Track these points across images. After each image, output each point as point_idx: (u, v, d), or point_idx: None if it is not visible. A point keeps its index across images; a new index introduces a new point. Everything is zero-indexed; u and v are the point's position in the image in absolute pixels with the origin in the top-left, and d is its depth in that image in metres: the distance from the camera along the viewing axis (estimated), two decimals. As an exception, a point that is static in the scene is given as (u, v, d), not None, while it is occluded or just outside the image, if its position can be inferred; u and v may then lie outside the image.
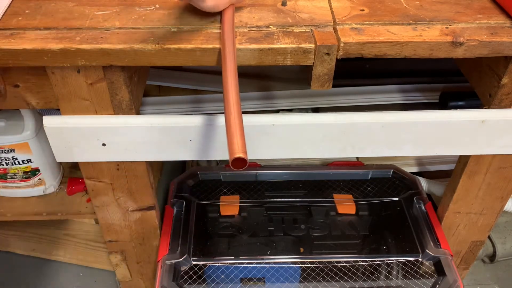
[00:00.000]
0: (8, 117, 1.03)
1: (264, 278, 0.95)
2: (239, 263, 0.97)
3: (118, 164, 0.89)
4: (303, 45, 0.71)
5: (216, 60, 0.72)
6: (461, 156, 0.96)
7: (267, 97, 1.22)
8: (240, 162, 0.56)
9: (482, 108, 0.85)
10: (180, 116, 0.82)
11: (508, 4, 0.79)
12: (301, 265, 0.97)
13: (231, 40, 0.70)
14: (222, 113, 0.81)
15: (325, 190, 1.14)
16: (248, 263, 0.97)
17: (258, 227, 1.05)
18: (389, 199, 1.12)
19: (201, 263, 0.96)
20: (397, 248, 1.00)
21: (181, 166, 1.37)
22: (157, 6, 0.80)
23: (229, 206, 1.09)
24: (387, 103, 1.22)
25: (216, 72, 1.28)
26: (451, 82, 1.25)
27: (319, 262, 0.97)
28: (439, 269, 0.95)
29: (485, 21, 0.77)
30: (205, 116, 0.81)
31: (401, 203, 1.10)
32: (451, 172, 1.01)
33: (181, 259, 0.95)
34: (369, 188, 1.15)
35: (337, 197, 1.12)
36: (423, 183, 1.19)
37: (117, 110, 0.81)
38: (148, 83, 1.23)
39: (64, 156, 0.84)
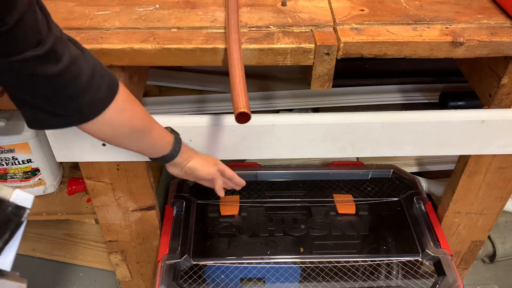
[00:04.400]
0: (8, 117, 1.03)
1: (264, 278, 0.95)
2: (239, 263, 0.97)
3: (118, 164, 0.89)
4: (303, 45, 0.71)
5: (216, 60, 0.72)
6: (461, 156, 0.96)
7: (267, 97, 1.22)
8: (243, 117, 0.63)
9: (482, 108, 0.85)
10: (180, 116, 0.82)
11: (508, 4, 0.79)
12: (301, 265, 0.97)
13: (235, 7, 0.75)
14: (222, 113, 0.82)
15: (325, 190, 1.14)
16: (248, 263, 0.97)
17: (258, 227, 1.05)
18: (389, 199, 1.12)
19: (201, 263, 0.96)
20: (397, 248, 1.00)
21: (181, 166, 1.37)
22: (157, 6, 0.80)
23: (229, 206, 1.09)
24: (387, 103, 1.22)
25: (216, 72, 1.28)
26: (451, 82, 1.25)
27: (319, 262, 0.97)
28: (439, 269, 0.95)
29: (485, 21, 0.77)
30: (205, 116, 0.81)
31: (401, 203, 1.11)
32: (451, 172, 1.01)
33: (181, 259, 0.95)
34: (369, 188, 1.15)
35: (337, 197, 1.12)
36: (423, 183, 1.19)
37: (117, 110, 0.80)
38: (148, 83, 1.24)
39: (64, 156, 0.84)
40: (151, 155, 0.76)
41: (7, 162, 1.05)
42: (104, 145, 0.83)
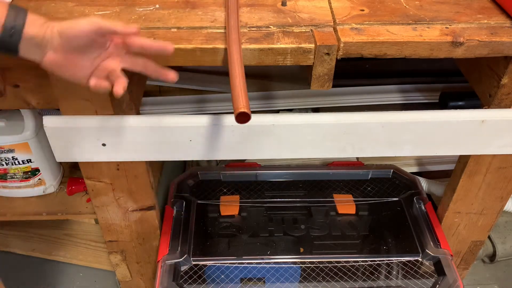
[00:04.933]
0: (8, 117, 1.03)
1: (264, 278, 0.95)
2: (239, 263, 0.97)
3: (118, 164, 0.89)
4: (303, 45, 0.71)
5: (216, 60, 0.72)
6: (461, 156, 0.96)
7: (267, 97, 1.22)
8: (243, 117, 0.62)
9: (482, 108, 0.85)
10: (180, 116, 0.82)
11: (508, 4, 0.79)
12: (301, 265, 0.97)
13: (235, 7, 0.75)
14: (222, 113, 0.82)
15: (325, 190, 1.14)
16: (248, 263, 0.97)
17: (258, 227, 1.05)
18: (389, 199, 1.12)
19: (201, 263, 0.96)
20: (397, 248, 1.00)
21: (181, 166, 1.37)
22: (157, 6, 0.80)
23: (229, 206, 1.09)
24: (387, 103, 1.22)
25: (216, 72, 1.28)
26: (451, 82, 1.25)
27: (319, 262, 0.97)
28: (439, 269, 0.95)
29: (485, 21, 0.77)
30: (205, 116, 0.81)
31: (401, 203, 1.11)
32: (451, 172, 1.01)
33: (181, 259, 0.95)
34: (369, 188, 1.15)
35: (337, 197, 1.12)
36: (423, 183, 1.19)
37: (117, 110, 0.81)
38: (148, 83, 1.24)
39: (64, 156, 0.85)
40: None
41: (7, 162, 1.05)
42: (104, 145, 0.83)
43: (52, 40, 0.60)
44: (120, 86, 0.62)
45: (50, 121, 0.80)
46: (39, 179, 1.09)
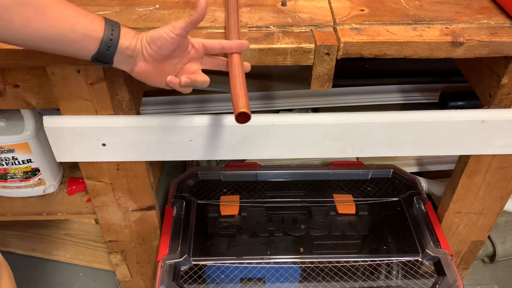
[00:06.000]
0: (8, 117, 1.03)
1: (264, 278, 0.95)
2: (239, 263, 0.97)
3: (118, 164, 0.89)
4: (303, 45, 0.71)
5: (216, 60, 0.72)
6: (461, 156, 0.96)
7: (267, 97, 1.22)
8: (243, 117, 0.62)
9: (482, 108, 0.85)
10: (180, 116, 0.82)
11: (508, 4, 0.79)
12: (301, 265, 0.97)
13: (235, 7, 0.75)
14: (222, 113, 0.82)
15: (325, 190, 1.14)
16: (248, 263, 0.97)
17: (258, 227, 1.05)
18: (389, 199, 1.12)
19: (201, 263, 0.96)
20: (397, 248, 1.00)
21: (181, 166, 1.37)
22: (157, 6, 0.80)
23: (229, 206, 1.09)
24: (387, 103, 1.22)
25: (216, 72, 1.28)
26: (451, 82, 1.25)
27: (319, 262, 0.97)
28: (439, 269, 0.95)
29: (485, 21, 0.77)
30: (205, 116, 0.81)
31: (401, 203, 1.11)
32: (451, 172, 1.01)
33: (181, 259, 0.95)
34: (369, 188, 1.15)
35: (337, 197, 1.12)
36: (423, 183, 1.19)
37: (117, 110, 0.81)
38: (148, 83, 1.23)
39: (64, 156, 0.85)
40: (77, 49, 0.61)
41: (7, 162, 1.05)
42: (104, 145, 0.83)
43: (143, 50, 0.64)
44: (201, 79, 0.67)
45: (50, 121, 0.80)
46: (39, 179, 1.09)
